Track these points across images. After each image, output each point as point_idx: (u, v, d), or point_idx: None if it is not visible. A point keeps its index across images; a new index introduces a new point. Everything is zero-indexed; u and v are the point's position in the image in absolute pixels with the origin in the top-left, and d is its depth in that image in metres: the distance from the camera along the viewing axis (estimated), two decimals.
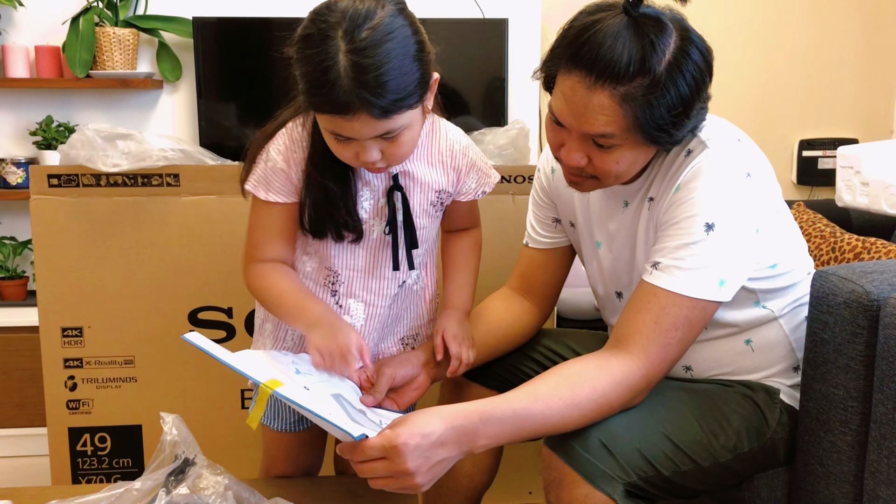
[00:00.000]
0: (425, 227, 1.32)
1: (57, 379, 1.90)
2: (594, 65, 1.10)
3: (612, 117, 1.12)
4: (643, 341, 1.17)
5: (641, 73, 1.09)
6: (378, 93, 1.06)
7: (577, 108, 1.14)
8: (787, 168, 3.20)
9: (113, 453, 1.96)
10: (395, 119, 1.10)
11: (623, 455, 1.14)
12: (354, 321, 1.31)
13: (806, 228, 2.01)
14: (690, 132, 1.19)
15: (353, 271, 1.30)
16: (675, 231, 1.18)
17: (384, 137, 1.13)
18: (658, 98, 1.10)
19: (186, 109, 2.70)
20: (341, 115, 1.08)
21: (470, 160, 1.32)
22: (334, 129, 1.12)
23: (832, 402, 1.23)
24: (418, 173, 1.28)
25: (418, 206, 1.29)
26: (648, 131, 1.13)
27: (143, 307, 1.89)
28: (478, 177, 1.34)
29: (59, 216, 1.84)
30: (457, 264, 1.41)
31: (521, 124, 2.09)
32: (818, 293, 1.25)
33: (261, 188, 1.25)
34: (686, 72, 1.11)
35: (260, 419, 1.12)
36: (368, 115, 1.07)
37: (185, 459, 1.25)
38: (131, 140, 1.84)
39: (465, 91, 2.61)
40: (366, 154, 1.13)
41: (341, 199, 1.22)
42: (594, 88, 1.11)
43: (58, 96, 2.66)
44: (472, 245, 1.43)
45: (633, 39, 1.09)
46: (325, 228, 1.24)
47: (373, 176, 1.25)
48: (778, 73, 3.14)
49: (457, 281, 1.41)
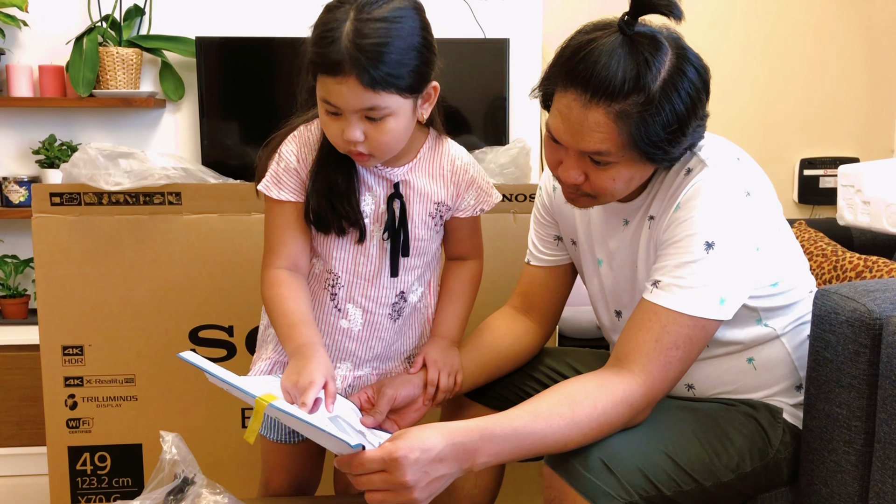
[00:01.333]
0: (424, 239, 1.33)
1: (57, 397, 1.90)
2: (589, 83, 1.11)
3: (608, 135, 1.13)
4: (644, 360, 1.17)
5: (636, 91, 1.10)
6: (371, 60, 1.11)
7: (573, 125, 1.15)
8: (789, 187, 3.21)
9: (113, 472, 1.95)
10: (381, 96, 1.13)
11: (624, 474, 1.13)
12: (352, 326, 1.33)
13: (807, 247, 2.01)
14: (687, 150, 1.19)
15: (353, 276, 1.31)
16: (675, 250, 1.18)
17: (368, 117, 1.16)
18: (653, 115, 1.11)
19: (189, 128, 2.71)
20: (332, 75, 1.12)
21: (471, 177, 1.34)
22: (325, 94, 1.16)
23: (835, 421, 1.23)
24: (418, 184, 1.30)
25: (417, 215, 1.31)
26: (644, 148, 1.14)
27: (144, 325, 1.89)
28: (477, 194, 1.35)
29: (61, 234, 1.84)
30: (451, 294, 1.41)
31: (522, 143, 2.10)
32: (820, 312, 1.25)
33: (273, 187, 1.29)
34: (681, 89, 1.12)
35: (257, 433, 1.12)
36: (357, 81, 1.11)
37: (184, 478, 1.25)
38: (133, 159, 1.85)
39: (466, 110, 2.62)
40: (349, 131, 1.16)
41: (344, 193, 1.26)
42: (590, 106, 1.12)
43: (61, 115, 2.67)
44: (470, 276, 1.42)
45: (627, 57, 1.10)
46: (328, 220, 1.27)
47: (374, 181, 1.28)
48: (779, 92, 3.15)
49: (448, 310, 1.40)
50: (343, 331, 1.34)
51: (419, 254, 1.33)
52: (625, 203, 1.30)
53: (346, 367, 1.37)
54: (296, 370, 1.18)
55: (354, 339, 1.35)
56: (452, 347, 1.38)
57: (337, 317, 1.33)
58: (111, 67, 2.56)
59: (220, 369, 1.16)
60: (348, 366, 1.37)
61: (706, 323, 1.17)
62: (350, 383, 1.37)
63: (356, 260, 1.31)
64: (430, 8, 1.23)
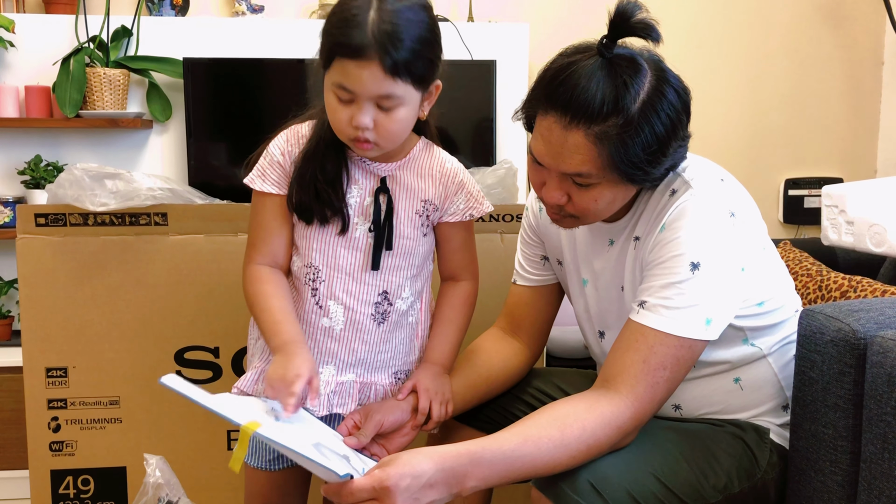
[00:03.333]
0: (409, 238, 1.33)
1: (40, 420, 1.88)
2: (569, 105, 1.12)
3: (588, 156, 1.14)
4: (632, 381, 1.17)
5: (615, 113, 1.11)
6: (395, 45, 1.14)
7: (553, 147, 1.16)
8: (774, 207, 3.23)
9: (96, 496, 1.92)
10: (398, 83, 1.17)
11: (612, 496, 1.12)
12: (334, 324, 1.33)
13: (792, 267, 2.02)
14: (669, 170, 1.21)
15: (334, 270, 1.31)
16: (660, 270, 1.19)
17: (381, 105, 1.18)
18: (632, 137, 1.12)
19: (176, 149, 2.71)
20: (355, 59, 1.14)
21: (460, 181, 1.35)
22: (342, 79, 1.17)
23: (821, 441, 1.23)
24: (406, 179, 1.32)
25: (403, 211, 1.31)
26: (624, 169, 1.15)
27: (130, 347, 1.87)
28: (467, 199, 1.36)
29: (46, 256, 1.83)
30: (444, 318, 1.40)
31: (509, 164, 2.11)
32: (805, 331, 1.25)
33: (257, 179, 1.31)
34: (661, 111, 1.13)
35: (242, 461, 1.11)
36: (379, 66, 1.14)
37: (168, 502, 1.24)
38: (119, 179, 1.84)
39: (454, 131, 2.63)
40: (360, 116, 1.18)
41: (331, 181, 1.28)
42: (569, 128, 1.13)
43: (47, 136, 2.67)
44: (463, 299, 1.41)
45: (606, 80, 1.11)
46: (310, 208, 1.28)
47: (361, 175, 1.30)
48: (763, 114, 3.19)
49: (440, 335, 1.40)
50: (325, 330, 1.33)
51: (403, 253, 1.33)
52: (610, 223, 1.31)
53: (329, 372, 1.35)
54: (281, 365, 1.21)
55: (336, 339, 1.33)
56: (444, 375, 1.37)
57: (318, 315, 1.33)
58: (98, 88, 2.56)
59: (203, 394, 1.14)
60: (331, 370, 1.35)
61: (693, 343, 1.17)
62: (333, 389, 1.35)
63: (336, 252, 1.31)
64: None
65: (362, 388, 1.37)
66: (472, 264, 1.43)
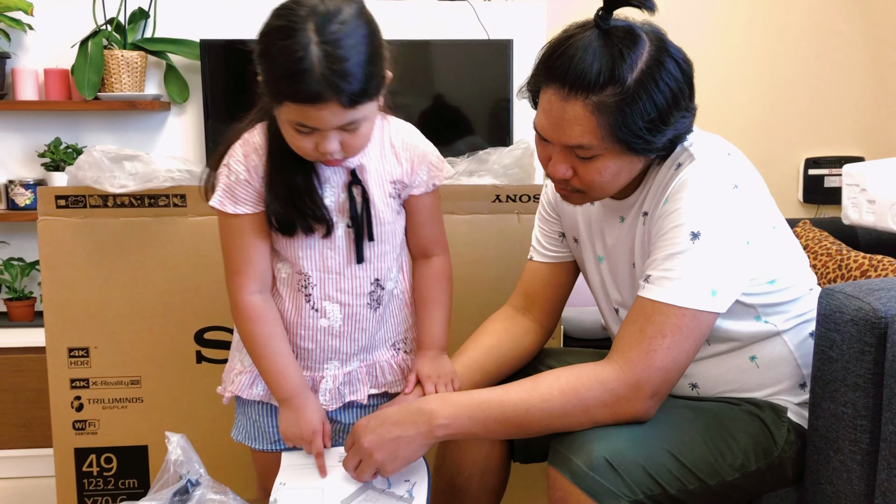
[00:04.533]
0: (389, 222, 1.32)
1: (63, 399, 1.90)
2: (566, 76, 1.14)
3: (587, 127, 1.15)
4: (624, 348, 1.19)
5: (612, 83, 1.13)
6: (348, 82, 1.10)
7: (554, 120, 1.18)
8: (794, 187, 3.20)
9: (119, 474, 1.95)
10: (359, 109, 1.14)
11: (628, 473, 1.13)
12: (333, 324, 1.33)
13: (812, 246, 2.00)
14: (673, 141, 1.21)
15: (324, 272, 1.30)
16: (662, 242, 1.19)
17: (345, 128, 1.17)
18: (630, 106, 1.13)
19: (194, 131, 2.72)
20: (312, 104, 1.11)
21: (421, 151, 1.33)
22: (301, 119, 1.15)
23: (841, 420, 1.22)
24: (371, 166, 1.29)
25: (378, 198, 1.30)
26: (624, 139, 1.16)
27: (150, 327, 1.89)
28: (428, 169, 1.34)
29: (67, 237, 1.85)
30: (426, 300, 1.40)
31: (526, 144, 2.10)
32: (825, 311, 1.25)
33: (227, 202, 1.26)
34: (660, 81, 1.14)
35: None
36: (337, 104, 1.12)
37: (189, 480, 1.25)
38: (138, 161, 1.85)
39: (470, 111, 2.62)
40: (325, 144, 1.17)
41: (305, 192, 1.25)
42: (568, 100, 1.15)
43: (66, 118, 2.68)
44: (439, 277, 1.40)
45: (602, 50, 1.14)
46: (293, 222, 1.26)
47: (331, 172, 1.27)
48: (783, 92, 3.15)
49: (428, 319, 1.39)
50: (324, 330, 1.33)
51: (387, 238, 1.32)
52: (620, 200, 1.32)
53: (334, 366, 1.36)
54: (294, 422, 1.31)
55: (337, 335, 1.34)
56: (441, 356, 1.38)
57: (316, 318, 1.32)
58: (116, 70, 2.57)
59: None
60: (336, 364, 1.36)
61: (697, 314, 1.17)
62: (342, 381, 1.37)
63: (323, 255, 1.29)
64: (435, 9, 1.24)
65: (369, 371, 1.39)
66: (442, 238, 1.41)
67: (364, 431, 1.23)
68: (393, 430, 1.20)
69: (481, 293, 1.91)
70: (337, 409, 1.38)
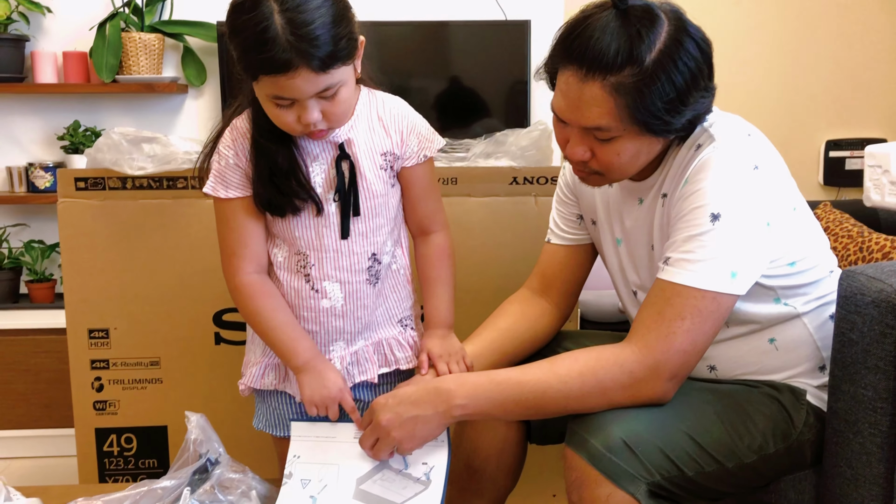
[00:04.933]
0: (381, 195, 1.32)
1: (84, 380, 1.92)
2: (584, 57, 1.13)
3: (605, 108, 1.15)
4: (643, 331, 1.18)
5: (630, 63, 1.12)
6: (315, 45, 1.11)
7: (572, 101, 1.17)
8: (814, 169, 3.17)
9: (139, 454, 1.97)
10: (332, 74, 1.15)
11: (646, 454, 1.13)
12: (334, 303, 1.33)
13: (833, 228, 1.98)
14: (692, 122, 1.19)
15: (321, 251, 1.31)
16: (682, 224, 1.18)
17: (323, 96, 1.17)
18: (649, 86, 1.12)
19: (211, 113, 2.72)
20: (283, 73, 1.12)
21: (410, 122, 1.33)
22: (276, 91, 1.15)
23: (861, 403, 1.21)
24: (360, 139, 1.29)
25: (368, 171, 1.30)
26: (643, 120, 1.15)
27: (169, 309, 1.91)
28: (419, 140, 1.33)
29: (86, 219, 1.86)
30: (430, 279, 1.39)
31: (543, 126, 2.08)
32: (846, 293, 1.23)
33: (219, 187, 1.29)
34: (679, 61, 1.13)
35: None
36: (308, 70, 1.12)
37: (208, 459, 1.26)
38: (156, 143, 1.86)
39: (487, 93, 2.61)
40: (306, 115, 1.17)
41: (288, 171, 1.25)
42: (586, 81, 1.14)
43: (85, 101, 2.70)
44: (440, 253, 1.40)
45: (620, 30, 1.13)
46: (279, 203, 1.27)
47: (320, 149, 1.28)
48: (804, 73, 3.11)
49: (433, 297, 1.39)
50: (326, 311, 1.34)
51: (381, 211, 1.32)
52: (639, 181, 1.31)
53: (340, 347, 1.37)
54: (318, 384, 1.30)
55: (339, 315, 1.34)
56: (449, 334, 1.38)
57: (317, 299, 1.33)
58: (134, 53, 2.58)
59: None
60: (342, 345, 1.37)
61: (716, 296, 1.16)
62: (349, 361, 1.37)
63: (319, 233, 1.30)
64: None
65: (377, 349, 1.40)
66: (441, 213, 1.41)
67: (382, 409, 1.23)
68: (411, 409, 1.21)
69: (498, 276, 1.91)
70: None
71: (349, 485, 1.26)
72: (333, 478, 1.27)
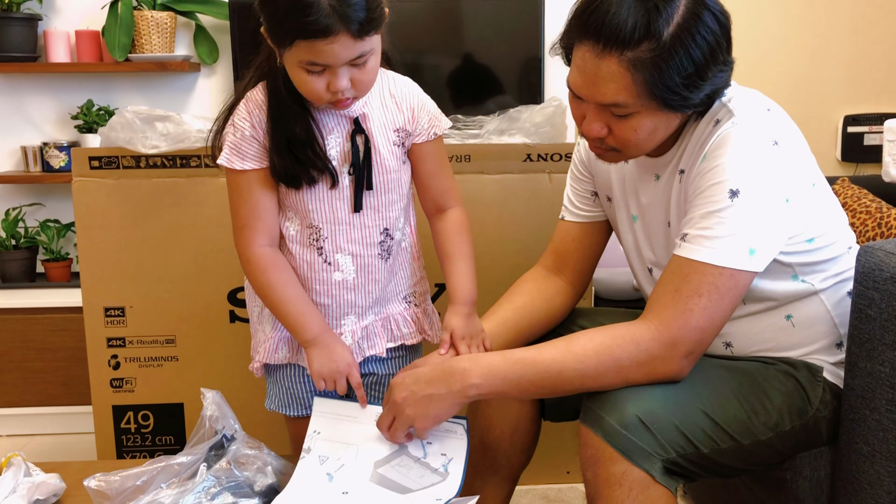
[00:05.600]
0: (395, 171, 1.33)
1: (101, 358, 1.94)
2: (601, 32, 1.12)
3: (623, 84, 1.13)
4: (659, 308, 1.17)
5: (647, 38, 1.10)
6: (355, 10, 1.13)
7: (588, 77, 1.16)
8: (832, 145, 3.13)
9: (156, 431, 1.99)
10: (367, 41, 1.16)
11: (661, 431, 1.13)
12: (347, 276, 1.34)
13: (851, 204, 1.96)
14: (710, 97, 1.18)
15: (334, 224, 1.32)
16: (700, 200, 1.17)
17: (355, 63, 1.18)
18: (666, 61, 1.11)
19: (224, 91, 2.71)
20: (323, 38, 1.13)
21: (420, 100, 1.35)
22: (311, 57, 1.16)
23: (878, 379, 1.21)
24: (374, 115, 1.31)
25: (382, 146, 1.31)
26: (661, 95, 1.13)
27: (184, 287, 1.92)
28: (429, 117, 1.35)
29: (101, 197, 1.87)
30: (450, 254, 1.39)
31: (557, 102, 2.07)
32: (864, 269, 1.22)
33: (235, 159, 1.29)
34: (697, 34, 1.11)
35: None
36: (348, 35, 1.13)
37: (224, 435, 1.27)
38: (170, 122, 1.86)
39: (500, 70, 2.59)
40: (337, 82, 1.18)
41: (306, 142, 1.26)
42: (603, 56, 1.13)
43: (98, 80, 2.70)
44: (457, 228, 1.39)
45: (637, 4, 1.11)
46: (296, 174, 1.27)
47: (335, 123, 1.29)
48: (822, 46, 3.07)
49: (455, 272, 1.38)
50: (339, 284, 1.35)
51: (393, 187, 1.33)
52: (656, 157, 1.30)
53: (351, 321, 1.38)
54: (327, 358, 1.32)
55: (351, 288, 1.35)
56: (473, 313, 1.37)
57: (329, 272, 1.34)
58: (146, 31, 2.57)
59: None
60: (353, 319, 1.38)
61: (734, 273, 1.15)
62: (360, 336, 1.38)
63: (333, 206, 1.31)
64: None
65: (384, 324, 1.41)
66: (455, 189, 1.41)
67: (399, 388, 1.24)
68: (426, 387, 1.22)
69: (512, 253, 1.90)
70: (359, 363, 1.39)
71: (367, 467, 1.27)
72: (352, 458, 1.28)
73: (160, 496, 1.16)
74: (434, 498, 1.22)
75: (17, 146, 2.71)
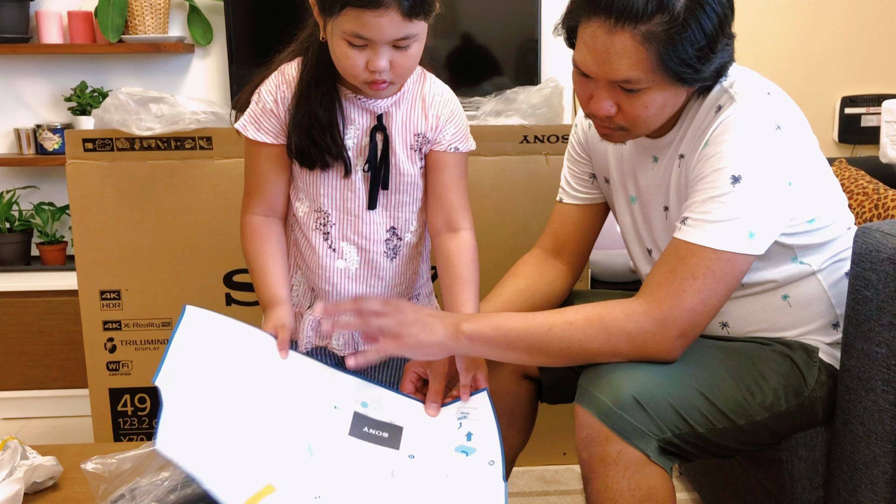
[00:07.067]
0: (409, 173, 1.31)
1: (97, 341, 1.94)
2: (612, 7, 1.10)
3: (636, 59, 1.12)
4: (652, 286, 1.18)
5: (660, 10, 1.09)
6: None
7: (599, 54, 1.14)
8: (829, 126, 3.12)
9: (153, 414, 1.99)
10: (414, 23, 1.15)
11: (657, 411, 1.13)
12: (349, 265, 1.34)
13: (848, 185, 1.96)
14: (717, 71, 1.17)
15: (343, 212, 1.31)
16: (702, 186, 1.17)
17: (398, 45, 1.17)
18: (680, 34, 1.10)
19: (218, 73, 2.70)
20: (372, 9, 1.12)
21: (451, 111, 1.33)
22: (357, 28, 1.15)
23: (874, 360, 1.21)
24: (398, 115, 1.29)
25: (399, 148, 1.30)
26: (675, 69, 1.12)
27: (180, 270, 1.91)
28: (455, 130, 1.32)
29: (95, 180, 1.86)
30: (460, 279, 1.32)
31: (555, 83, 2.06)
32: (861, 249, 1.22)
33: (250, 128, 1.30)
34: (707, 6, 1.11)
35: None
36: (397, 12, 1.13)
37: None
38: (164, 103, 1.85)
39: (496, 50, 2.57)
40: (377, 60, 1.17)
41: (326, 126, 1.25)
42: (615, 31, 1.11)
43: (91, 62, 2.68)
44: (473, 254, 1.33)
45: None
46: (311, 155, 1.27)
47: (357, 114, 1.28)
48: (819, 27, 3.05)
49: (467, 302, 1.30)
50: (340, 271, 1.34)
51: (405, 189, 1.32)
52: (654, 139, 1.29)
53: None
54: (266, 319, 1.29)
55: (353, 278, 1.34)
56: None
57: (333, 258, 1.33)
58: (139, 12, 2.55)
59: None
60: None
61: (732, 257, 1.15)
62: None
63: (344, 195, 1.30)
64: None
65: None
66: (468, 210, 1.35)
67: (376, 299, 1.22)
68: (420, 315, 1.19)
69: (509, 236, 1.90)
70: None
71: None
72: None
73: (157, 479, 1.16)
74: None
75: (10, 128, 2.69)
